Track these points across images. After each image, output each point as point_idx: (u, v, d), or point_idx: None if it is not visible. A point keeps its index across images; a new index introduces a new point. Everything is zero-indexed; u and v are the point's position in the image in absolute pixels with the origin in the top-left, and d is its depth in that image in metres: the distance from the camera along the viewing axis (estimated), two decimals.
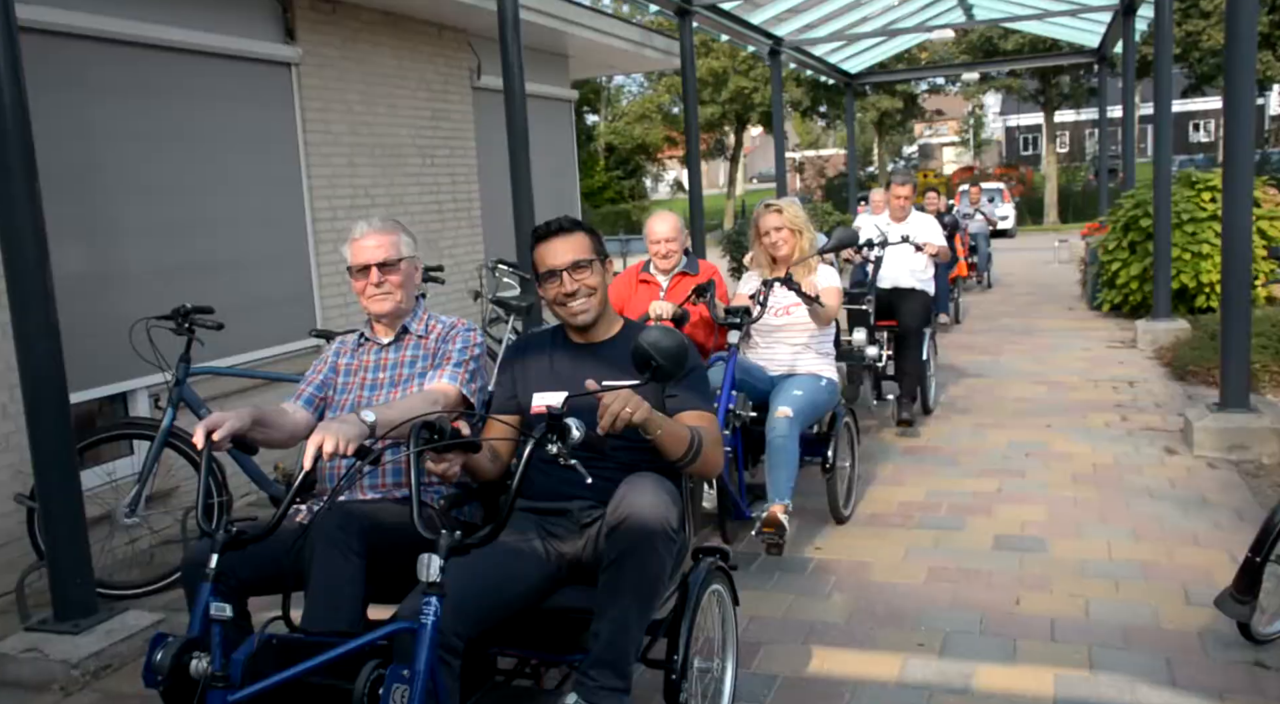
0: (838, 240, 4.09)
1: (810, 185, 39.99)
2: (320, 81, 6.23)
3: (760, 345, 4.51)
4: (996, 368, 8.12)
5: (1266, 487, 4.83)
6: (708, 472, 2.58)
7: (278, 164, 5.93)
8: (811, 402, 4.19)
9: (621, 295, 4.69)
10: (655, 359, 2.12)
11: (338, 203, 6.38)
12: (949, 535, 4.35)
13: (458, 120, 7.68)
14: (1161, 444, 5.61)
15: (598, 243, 2.66)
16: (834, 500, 4.46)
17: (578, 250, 2.59)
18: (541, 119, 9.05)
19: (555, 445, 2.05)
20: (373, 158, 6.70)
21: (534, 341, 2.77)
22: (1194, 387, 7.04)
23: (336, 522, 2.32)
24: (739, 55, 30.70)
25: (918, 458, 5.60)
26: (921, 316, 6.28)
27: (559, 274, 2.57)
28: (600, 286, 2.62)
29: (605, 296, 2.66)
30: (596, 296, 2.61)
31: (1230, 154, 5.26)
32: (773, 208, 4.46)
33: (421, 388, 2.71)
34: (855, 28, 13.49)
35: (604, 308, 2.65)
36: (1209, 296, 9.30)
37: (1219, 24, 29.23)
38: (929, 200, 10.99)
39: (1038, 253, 19.68)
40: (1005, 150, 54.20)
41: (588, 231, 2.66)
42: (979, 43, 29.10)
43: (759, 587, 3.89)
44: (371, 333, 2.90)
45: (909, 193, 6.63)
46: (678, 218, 4.66)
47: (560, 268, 2.57)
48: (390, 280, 2.82)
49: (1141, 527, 4.34)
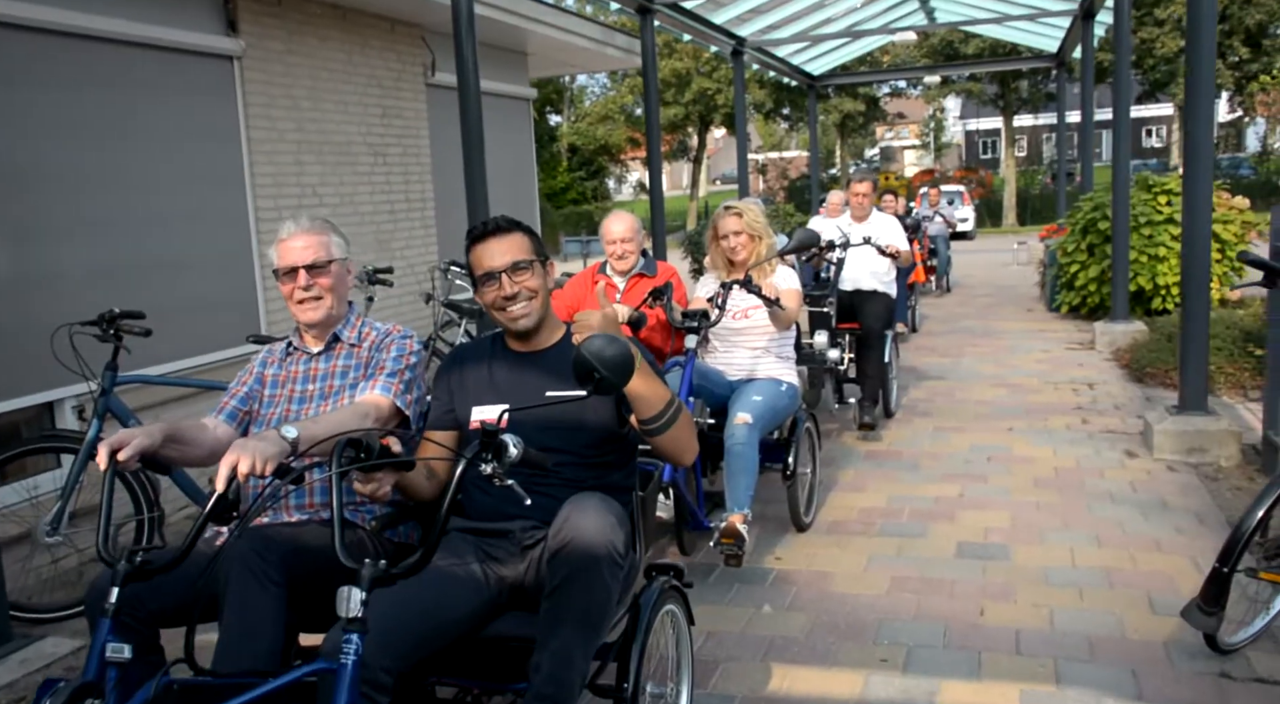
0: (798, 242, 3.97)
1: (773, 187, 40.05)
2: (264, 76, 6.02)
3: (719, 349, 4.38)
4: (957, 370, 8.08)
5: (1225, 490, 4.80)
6: (680, 450, 2.37)
7: (219, 161, 5.71)
8: (771, 407, 4.07)
9: (577, 297, 4.54)
10: (598, 370, 1.97)
11: (283, 201, 6.16)
12: (911, 543, 4.26)
13: (410, 118, 7.49)
14: (1122, 447, 5.57)
15: (537, 243, 2.51)
16: (795, 508, 4.35)
17: (517, 251, 2.43)
18: (499, 118, 8.88)
19: (489, 465, 1.89)
20: (320, 155, 6.49)
21: (472, 350, 2.60)
22: (1152, 388, 7.03)
23: (253, 547, 2.14)
24: (702, 56, 30.68)
25: (879, 462, 5.51)
26: (884, 319, 6.19)
27: (497, 276, 2.41)
28: (541, 290, 2.47)
29: (547, 301, 2.51)
30: (538, 300, 2.46)
31: (1190, 161, 5.23)
32: (732, 210, 4.33)
33: (353, 400, 2.53)
34: (818, 29, 13.45)
35: (546, 313, 2.50)
36: (1165, 298, 9.34)
37: (1173, 32, 29.71)
38: (886, 203, 10.54)
39: (997, 254, 19.82)
40: (965, 154, 54.74)
41: (526, 231, 2.50)
42: (940, 47, 29.32)
43: (717, 600, 3.76)
44: (300, 341, 2.72)
45: (868, 190, 6.51)
46: (635, 218, 4.52)
47: (498, 270, 2.41)
48: (320, 284, 2.64)
49: (1104, 532, 4.27)
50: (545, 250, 2.55)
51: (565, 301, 4.54)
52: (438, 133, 7.79)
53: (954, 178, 35.23)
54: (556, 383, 2.38)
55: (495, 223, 2.46)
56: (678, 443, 2.33)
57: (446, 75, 7.28)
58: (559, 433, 2.36)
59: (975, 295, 13.46)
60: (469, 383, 2.51)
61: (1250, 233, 9.62)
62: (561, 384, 2.35)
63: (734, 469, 3.87)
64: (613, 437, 2.42)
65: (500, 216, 2.51)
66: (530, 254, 2.45)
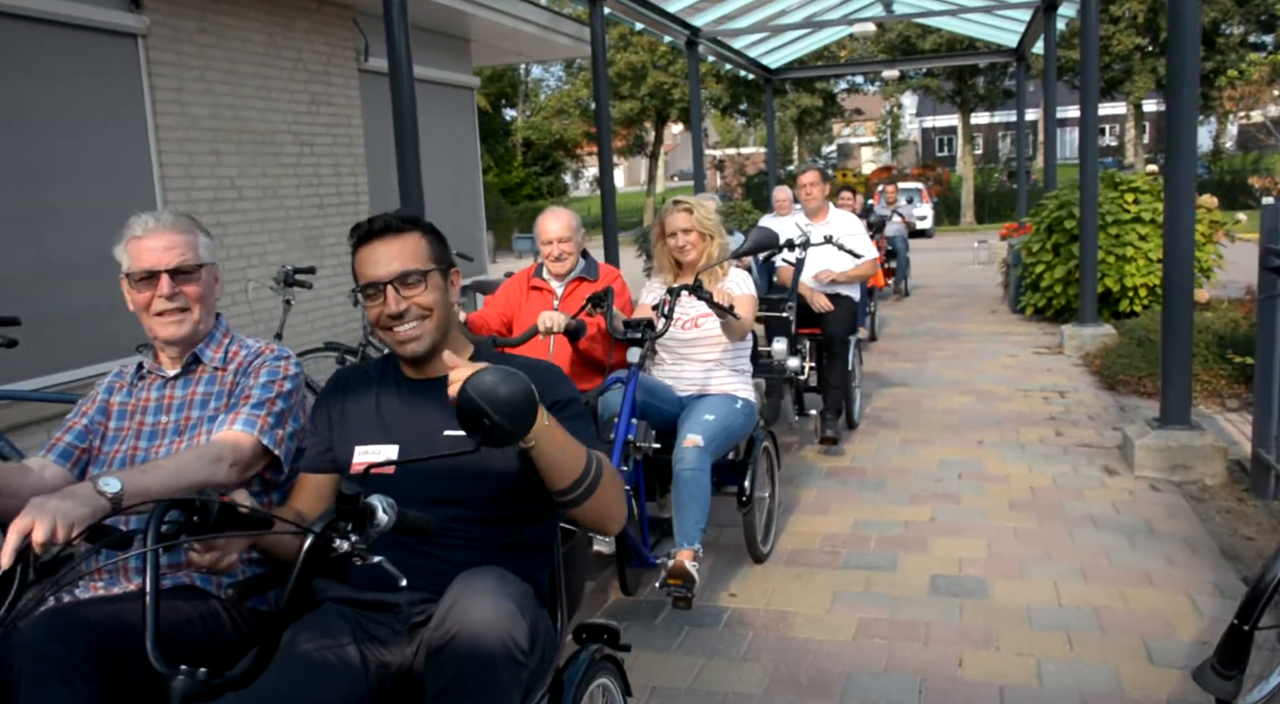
0: (754, 242, 3.53)
1: (731, 183, 39.76)
2: (174, 57, 5.47)
3: (667, 362, 3.94)
4: (922, 376, 7.72)
5: (1214, 512, 4.46)
6: (604, 521, 1.91)
7: (121, 150, 5.17)
8: (725, 427, 3.64)
9: (511, 304, 4.08)
10: (489, 414, 1.52)
11: (198, 195, 5.63)
12: (880, 577, 3.85)
13: (341, 105, 6.97)
14: (1100, 463, 5.22)
15: (439, 248, 2.04)
16: (751, 537, 3.93)
17: (408, 258, 1.96)
18: (439, 107, 8.38)
19: (346, 541, 1.44)
20: (239, 145, 5.96)
21: (358, 375, 2.12)
22: (1125, 396, 6.73)
23: (53, 633, 1.66)
24: (658, 49, 30.23)
25: (843, 480, 5.12)
26: (847, 323, 5.79)
27: (381, 289, 1.95)
28: (439, 306, 1.99)
29: (448, 318, 2.03)
30: (432, 320, 1.98)
31: (1173, 164, 4.88)
32: (682, 206, 3.89)
33: (210, 437, 2.05)
34: (775, 20, 13.05)
35: (445, 333, 2.02)
36: (1133, 301, 9.08)
37: (1128, 29, 29.83)
38: (843, 200, 9.76)
39: (956, 253, 19.64)
40: (921, 151, 54.91)
41: (426, 232, 2.02)
42: (898, 42, 29.14)
43: (664, 646, 3.33)
44: (154, 362, 2.24)
45: (814, 179, 5.98)
46: (573, 215, 4.07)
47: (382, 281, 1.94)
48: (186, 293, 2.15)
49: (1089, 563, 3.91)
50: (450, 255, 2.08)
51: (498, 307, 4.07)
52: (372, 122, 7.27)
53: (911, 175, 35.16)
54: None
55: (384, 221, 1.98)
56: (600, 513, 1.87)
57: (380, 60, 6.75)
58: (457, 481, 1.90)
59: (936, 296, 13.17)
60: (352, 416, 2.04)
61: (1218, 232, 9.40)
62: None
63: (683, 498, 3.44)
64: (527, 483, 1.97)
65: (392, 213, 2.01)
66: (426, 262, 1.98)
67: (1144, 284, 9.00)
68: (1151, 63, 30.85)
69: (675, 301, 3.45)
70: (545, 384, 1.94)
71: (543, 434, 1.69)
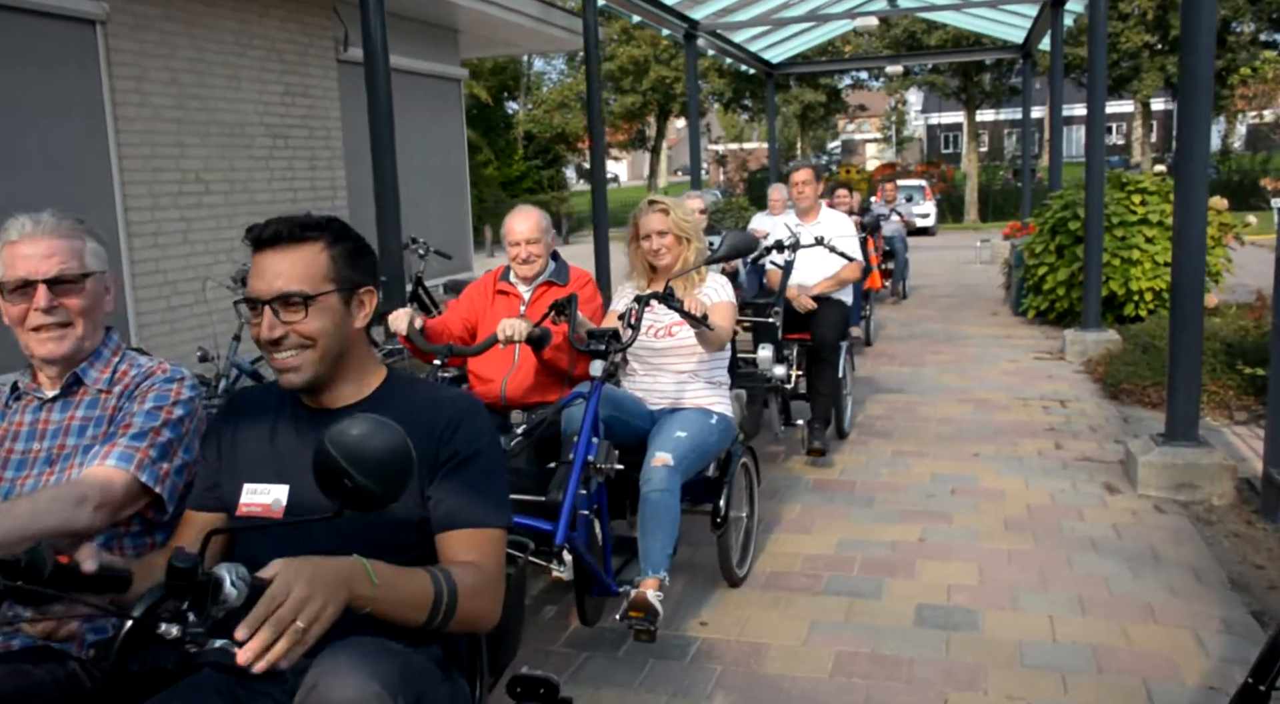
0: (730, 248, 3.25)
1: (733, 179, 39.47)
2: (136, 44, 5.22)
3: (638, 373, 3.69)
4: (918, 381, 7.47)
5: (1221, 537, 4.20)
6: (473, 627, 1.68)
7: (77, 141, 4.93)
8: (698, 445, 3.39)
9: (475, 308, 3.83)
10: (351, 475, 1.28)
11: (161, 189, 5.38)
12: (862, 605, 3.60)
13: (318, 97, 6.72)
14: (1101, 479, 4.97)
15: (347, 263, 1.72)
16: (726, 560, 3.68)
17: (296, 275, 1.66)
18: (424, 99, 8.13)
19: (178, 625, 1.19)
20: (206, 137, 5.71)
21: (255, 399, 1.85)
22: (1129, 407, 6.46)
23: None
24: (660, 43, 29.95)
25: (829, 495, 4.86)
26: (838, 328, 5.52)
27: (260, 307, 1.68)
28: (325, 335, 1.69)
29: (340, 347, 1.72)
30: (315, 351, 1.69)
31: (1184, 168, 4.62)
32: (657, 206, 3.63)
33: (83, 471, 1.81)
34: (777, 13, 12.76)
35: (335, 363, 1.73)
36: (1138, 305, 8.81)
37: (1137, 26, 29.48)
38: (839, 198, 9.42)
39: (959, 252, 19.36)
40: (926, 148, 54.57)
41: (333, 243, 1.70)
42: (903, 37, 28.82)
43: (625, 682, 3.08)
44: (32, 382, 1.99)
45: (807, 177, 5.71)
46: (542, 214, 3.81)
47: (260, 299, 1.67)
48: (68, 306, 1.90)
49: (1087, 593, 3.65)
50: (363, 273, 1.76)
51: (461, 312, 3.82)
52: (351, 114, 7.02)
53: (915, 172, 34.85)
54: None
55: (276, 228, 1.67)
56: (466, 625, 1.61)
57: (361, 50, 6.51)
58: (356, 532, 1.65)
59: (937, 296, 12.89)
60: (244, 447, 1.77)
61: (1228, 235, 9.12)
62: None
63: (649, 523, 3.19)
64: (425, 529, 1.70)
65: (294, 218, 1.70)
66: (318, 282, 1.67)
67: (1150, 288, 8.73)
68: (1160, 61, 30.51)
69: (643, 311, 3.19)
70: (448, 430, 1.69)
71: (376, 599, 1.41)
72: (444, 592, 1.52)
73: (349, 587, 1.35)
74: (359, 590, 1.37)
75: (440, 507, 1.67)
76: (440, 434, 1.68)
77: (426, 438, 1.66)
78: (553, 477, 2.97)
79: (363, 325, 1.76)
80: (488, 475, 1.70)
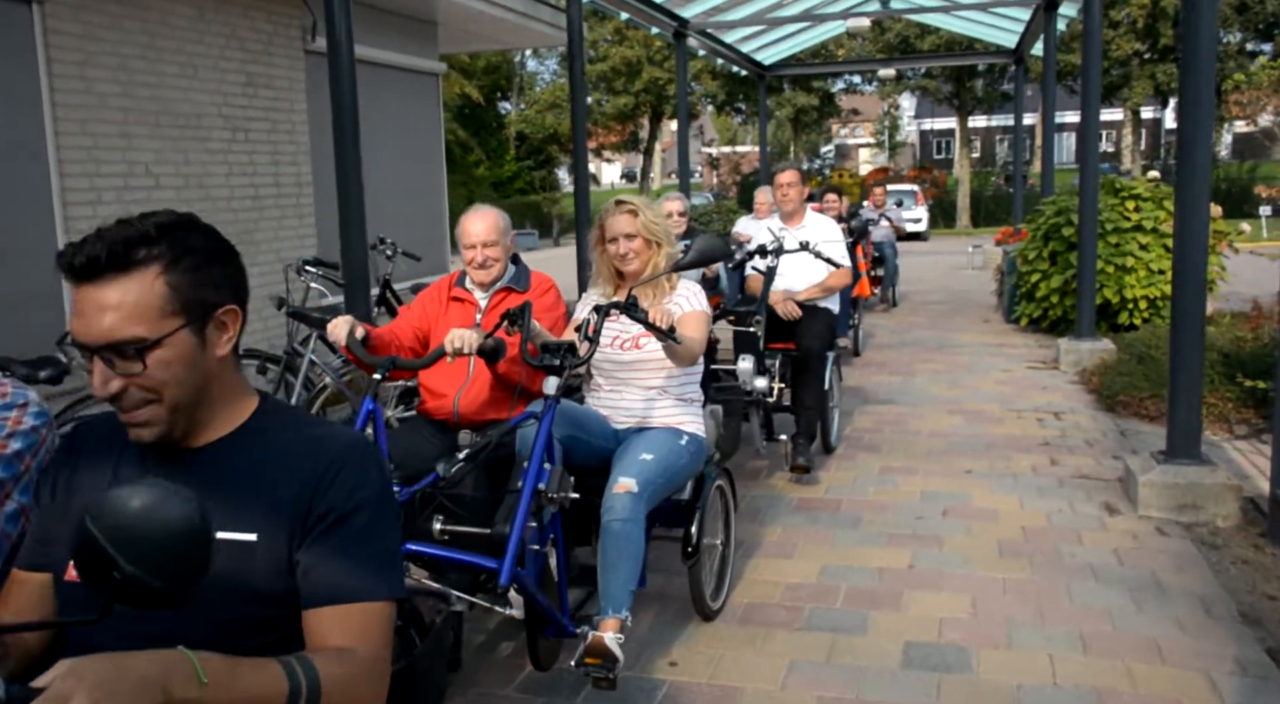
0: (698, 253, 2.94)
1: (725, 182, 39.22)
2: (79, 27, 4.91)
3: (603, 388, 3.39)
4: (908, 392, 7.19)
5: (1229, 563, 3.93)
6: None
7: (9, 129, 4.60)
8: (666, 469, 3.09)
9: (428, 316, 3.52)
10: (118, 564, 0.97)
11: (104, 182, 5.07)
12: (846, 643, 3.31)
13: (283, 88, 6.40)
14: (1100, 499, 4.69)
15: (194, 283, 1.34)
16: (698, 593, 3.38)
17: (127, 315, 1.29)
18: (400, 94, 7.83)
19: None
20: (157, 127, 5.39)
21: (99, 429, 1.49)
22: (1125, 419, 6.20)
23: None
24: (654, 44, 29.69)
25: (813, 516, 4.57)
26: (824, 338, 5.22)
27: (89, 356, 1.32)
28: (174, 385, 1.34)
29: (196, 392, 1.38)
30: (162, 405, 1.34)
31: (1185, 178, 4.36)
32: (625, 207, 3.33)
33: None
34: (769, 13, 12.48)
35: (193, 411, 1.39)
36: (1133, 313, 8.57)
37: (1127, 34, 29.36)
38: (828, 202, 9.18)
39: (950, 257, 19.15)
40: (919, 153, 54.45)
41: (174, 258, 1.32)
42: (896, 42, 28.63)
43: None
44: None
45: (792, 179, 5.41)
46: (501, 215, 3.51)
47: (89, 346, 1.30)
48: None
49: (1089, 628, 3.37)
50: (218, 289, 1.37)
51: (412, 320, 3.52)
52: (319, 108, 6.69)
53: (908, 177, 34.64)
54: (227, 498, 1.36)
55: (92, 250, 1.26)
56: None
57: None
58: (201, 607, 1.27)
59: (928, 303, 12.64)
60: (78, 494, 1.43)
61: (1222, 243, 8.89)
62: (224, 508, 1.34)
63: (610, 556, 2.89)
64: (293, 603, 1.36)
65: (114, 233, 1.29)
66: (157, 321, 1.30)
67: (1144, 296, 8.50)
68: (1150, 68, 30.41)
69: (603, 322, 2.89)
70: (325, 478, 1.36)
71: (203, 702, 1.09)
72: (301, 688, 1.19)
73: (163, 690, 1.03)
74: (178, 693, 1.05)
75: (309, 577, 1.33)
76: (316, 484, 1.36)
77: (299, 488, 1.36)
78: (500, 507, 2.67)
79: (227, 351, 1.41)
80: (371, 535, 1.37)
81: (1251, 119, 12.61)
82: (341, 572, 1.33)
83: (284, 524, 1.34)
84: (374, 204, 7.15)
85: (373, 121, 7.28)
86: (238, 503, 1.35)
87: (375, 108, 7.36)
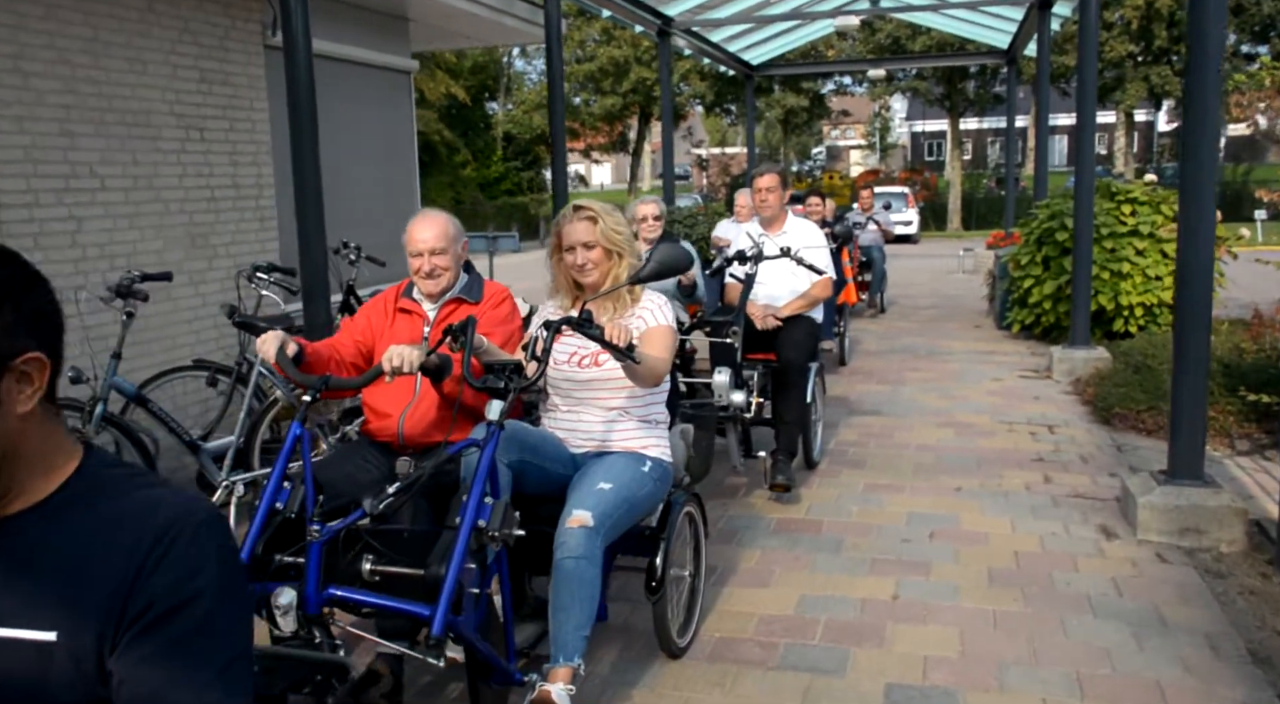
0: (657, 264, 2.66)
1: (715, 183, 38.97)
2: (12, 18, 4.62)
3: (560, 409, 3.11)
4: (895, 402, 6.92)
5: (1235, 593, 3.67)
6: None
7: None
8: (626, 499, 2.82)
9: (373, 328, 3.24)
10: None
11: (42, 184, 4.77)
12: (823, 685, 3.04)
13: (241, 85, 6.11)
14: (1096, 520, 4.44)
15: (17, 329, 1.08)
16: (663, 630, 3.11)
17: None
18: (369, 92, 7.55)
19: None
20: (101, 126, 5.10)
21: None
22: (1122, 433, 5.95)
23: None
24: (642, 44, 29.41)
25: (793, 538, 4.30)
26: (805, 348, 4.95)
27: None
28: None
29: (3, 446, 1.10)
30: None
31: (1190, 183, 4.12)
32: (583, 213, 3.05)
33: None
34: (756, 11, 12.21)
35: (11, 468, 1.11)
36: (1128, 321, 8.33)
37: (1121, 35, 29.21)
38: (811, 205, 8.90)
39: (941, 260, 18.93)
40: (910, 155, 54.31)
41: None
42: (886, 42, 28.41)
43: None
44: None
45: (771, 184, 5.12)
46: (451, 220, 3.24)
47: None
48: None
49: (1086, 668, 3.11)
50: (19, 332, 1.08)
51: (355, 332, 3.24)
52: (281, 106, 6.38)
53: (899, 179, 34.44)
54: (21, 585, 1.09)
55: None
56: None
57: None
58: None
59: (918, 307, 12.38)
60: None
61: (1221, 248, 8.64)
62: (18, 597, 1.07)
63: (562, 597, 2.61)
64: None
65: None
66: None
67: (1140, 303, 8.25)
68: (1144, 71, 30.26)
69: (552, 340, 2.61)
70: (148, 561, 1.08)
71: None
72: None
73: None
74: None
75: (123, 692, 1.06)
76: (137, 567, 1.07)
77: (116, 572, 1.08)
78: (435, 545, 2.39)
79: (30, 406, 1.11)
80: (206, 634, 1.09)
81: (1251, 120, 12.44)
82: (165, 685, 1.05)
83: (92, 620, 1.06)
84: (342, 207, 6.88)
85: (339, 121, 6.99)
86: (36, 592, 1.07)
87: (342, 106, 7.08)
